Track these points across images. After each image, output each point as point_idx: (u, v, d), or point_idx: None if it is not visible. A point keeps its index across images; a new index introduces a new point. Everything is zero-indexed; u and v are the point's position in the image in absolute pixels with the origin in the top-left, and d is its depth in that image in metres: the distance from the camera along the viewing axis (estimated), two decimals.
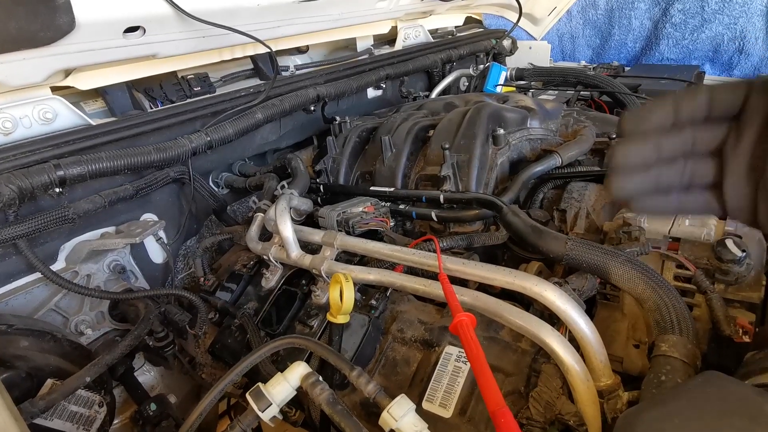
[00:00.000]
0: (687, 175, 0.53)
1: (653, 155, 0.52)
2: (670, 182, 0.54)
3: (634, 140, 0.52)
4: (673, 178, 0.53)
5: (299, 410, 0.98)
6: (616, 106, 1.83)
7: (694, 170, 0.52)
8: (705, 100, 0.50)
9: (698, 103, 0.50)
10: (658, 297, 0.73)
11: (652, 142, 0.51)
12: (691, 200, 0.53)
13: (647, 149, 0.52)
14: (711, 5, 2.50)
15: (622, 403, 0.68)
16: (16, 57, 0.99)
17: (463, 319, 0.69)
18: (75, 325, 1.19)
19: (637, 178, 0.53)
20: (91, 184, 1.15)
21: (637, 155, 0.52)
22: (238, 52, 1.53)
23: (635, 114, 0.51)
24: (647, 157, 0.52)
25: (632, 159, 0.52)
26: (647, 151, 0.52)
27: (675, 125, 0.51)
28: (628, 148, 0.52)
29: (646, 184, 0.53)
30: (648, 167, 0.53)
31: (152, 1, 1.11)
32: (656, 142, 0.51)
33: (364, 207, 1.16)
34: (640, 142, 0.51)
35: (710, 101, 0.49)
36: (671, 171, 0.53)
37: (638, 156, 0.52)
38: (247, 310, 1.14)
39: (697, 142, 0.51)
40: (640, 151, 0.52)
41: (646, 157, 0.52)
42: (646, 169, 0.53)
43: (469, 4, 2.29)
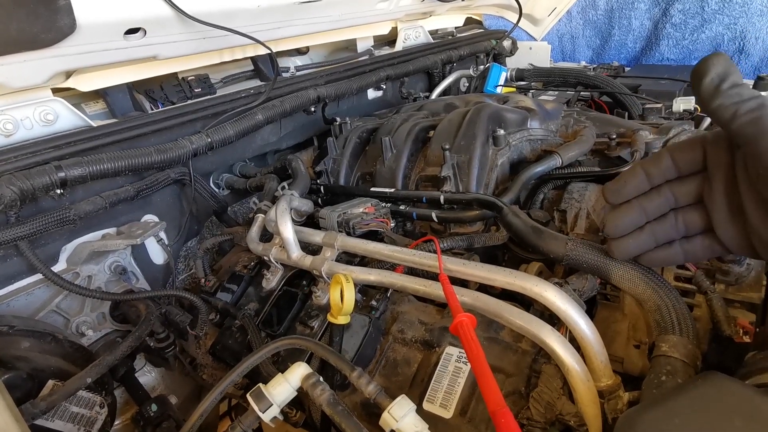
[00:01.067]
0: (681, 226, 0.56)
1: (642, 218, 0.58)
2: (667, 235, 0.57)
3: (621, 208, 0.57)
4: (668, 231, 0.57)
5: (300, 411, 0.98)
6: (616, 106, 1.83)
7: (686, 220, 0.56)
8: (669, 163, 0.54)
9: (664, 166, 0.55)
10: (658, 297, 0.73)
11: (637, 207, 0.56)
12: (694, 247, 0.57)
13: (634, 214, 0.57)
14: (711, 5, 2.50)
15: (622, 404, 0.68)
16: (16, 59, 0.99)
17: (463, 320, 0.69)
18: (76, 326, 1.19)
19: (635, 240, 0.57)
20: (92, 185, 1.15)
21: (627, 221, 0.58)
22: (238, 53, 1.53)
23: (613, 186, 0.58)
24: (637, 219, 0.57)
25: (623, 224, 0.58)
26: (635, 215, 0.58)
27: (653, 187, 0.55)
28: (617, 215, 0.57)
29: (646, 242, 0.58)
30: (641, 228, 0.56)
31: (153, 3, 1.11)
32: (640, 206, 0.56)
33: (365, 208, 1.16)
34: (626, 209, 0.56)
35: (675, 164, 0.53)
36: (665, 225, 0.57)
37: (628, 221, 0.58)
38: (248, 311, 1.14)
39: (678, 197, 0.56)
40: (629, 217, 0.57)
41: (636, 219, 0.57)
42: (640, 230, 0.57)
43: (469, 4, 2.29)
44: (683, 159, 0.53)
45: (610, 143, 1.23)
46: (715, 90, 0.47)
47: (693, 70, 0.48)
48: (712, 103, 0.47)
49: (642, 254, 0.60)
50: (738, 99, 0.46)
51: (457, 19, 2.50)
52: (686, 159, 0.53)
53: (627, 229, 0.57)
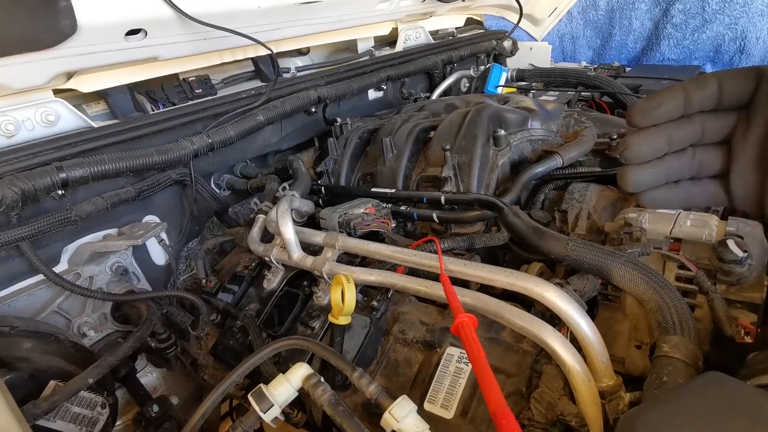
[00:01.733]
0: (696, 165, 0.52)
1: (665, 146, 0.52)
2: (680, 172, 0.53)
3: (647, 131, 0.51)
4: (683, 168, 0.53)
5: (301, 411, 0.98)
6: (617, 106, 1.83)
7: (703, 159, 0.52)
8: (714, 90, 0.49)
9: (708, 93, 0.49)
10: (659, 298, 0.73)
11: (665, 133, 0.51)
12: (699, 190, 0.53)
13: (659, 140, 0.51)
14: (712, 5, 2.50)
15: (623, 404, 0.68)
16: (18, 60, 0.99)
17: (464, 320, 0.69)
18: (78, 326, 1.19)
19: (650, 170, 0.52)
20: (94, 186, 1.15)
21: (649, 146, 0.52)
22: (239, 54, 1.53)
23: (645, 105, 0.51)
24: (659, 148, 0.52)
25: (647, 150, 0.52)
26: (659, 142, 0.52)
27: (684, 115, 0.50)
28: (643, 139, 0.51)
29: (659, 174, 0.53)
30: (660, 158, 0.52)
31: (153, 4, 1.11)
32: (668, 133, 0.51)
33: (366, 208, 1.16)
34: (653, 132, 0.51)
35: (719, 92, 0.48)
36: (681, 161, 0.53)
37: (650, 147, 0.52)
38: (249, 312, 1.15)
39: (707, 132, 0.51)
40: (652, 142, 0.51)
41: (658, 148, 0.52)
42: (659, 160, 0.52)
43: (469, 5, 2.29)
44: (731, 88, 0.48)
45: (611, 143, 1.23)
46: None
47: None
48: None
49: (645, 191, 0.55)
50: None
51: (458, 19, 2.50)
52: (734, 89, 0.48)
53: (648, 156, 0.52)
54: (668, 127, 0.51)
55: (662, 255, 0.89)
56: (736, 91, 0.48)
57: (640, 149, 0.51)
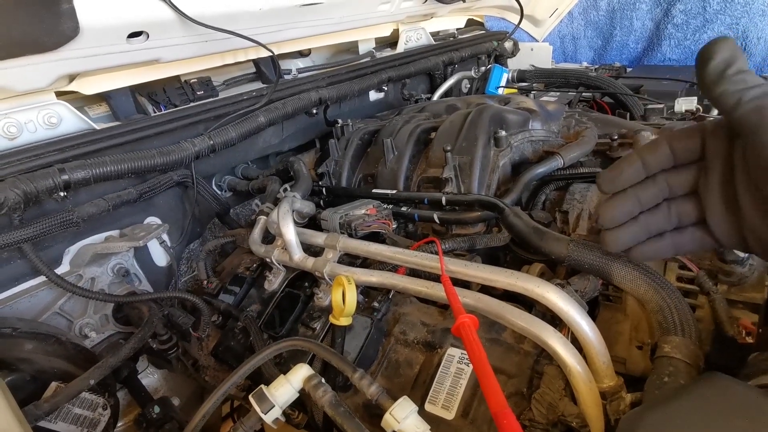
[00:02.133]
0: (674, 217, 0.55)
1: (636, 207, 0.56)
2: (659, 226, 0.56)
3: (615, 198, 0.56)
4: (661, 222, 0.56)
5: (302, 412, 0.98)
6: (618, 107, 1.83)
7: (679, 211, 0.55)
8: (667, 152, 0.53)
9: (661, 155, 0.53)
10: (660, 298, 0.73)
11: (632, 196, 0.55)
12: (685, 240, 0.56)
13: (629, 203, 0.56)
14: (713, 6, 2.50)
15: (625, 405, 0.68)
16: (20, 62, 1.00)
17: (465, 321, 0.69)
18: (79, 328, 1.19)
19: (628, 230, 0.56)
20: (96, 188, 1.15)
21: (621, 210, 0.56)
22: (240, 56, 1.54)
23: (609, 175, 0.56)
24: (631, 209, 0.56)
25: (618, 215, 0.56)
26: (629, 205, 0.56)
27: (648, 176, 0.53)
28: (612, 205, 0.56)
29: (638, 233, 0.57)
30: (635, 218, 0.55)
31: (155, 7, 1.12)
32: (635, 196, 0.55)
33: (367, 209, 1.16)
34: (621, 198, 0.55)
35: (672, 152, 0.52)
36: (658, 216, 0.56)
37: (622, 211, 0.56)
38: (250, 313, 1.15)
39: (673, 187, 0.55)
40: (623, 206, 0.56)
41: (630, 209, 0.56)
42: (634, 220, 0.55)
43: (470, 6, 2.29)
44: (681, 147, 0.52)
45: (612, 144, 1.23)
46: (719, 75, 0.44)
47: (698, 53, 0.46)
48: (716, 90, 0.45)
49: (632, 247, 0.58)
50: (743, 86, 0.44)
51: (459, 20, 2.51)
52: (684, 147, 0.52)
53: (621, 219, 0.55)
54: (635, 190, 0.55)
55: None
56: (686, 149, 0.52)
57: (612, 214, 0.56)
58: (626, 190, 0.55)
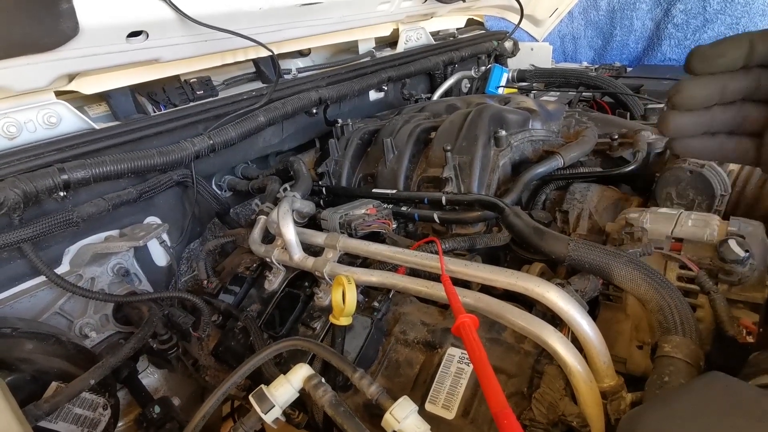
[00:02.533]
0: (739, 119, 0.51)
1: (716, 96, 0.50)
2: (723, 124, 0.51)
3: (703, 79, 0.49)
4: (726, 120, 0.51)
5: (302, 412, 0.98)
6: (618, 107, 1.83)
7: (748, 115, 0.50)
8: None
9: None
10: (660, 298, 0.73)
11: (721, 83, 0.49)
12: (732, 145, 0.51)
13: (713, 89, 0.49)
14: (713, 5, 2.50)
15: (625, 404, 0.68)
16: (20, 62, 1.00)
17: (465, 321, 0.69)
18: (79, 328, 1.19)
19: (694, 117, 0.51)
20: (95, 187, 1.15)
21: (702, 95, 0.50)
22: (240, 55, 1.54)
23: (707, 51, 0.48)
24: (711, 97, 0.50)
25: (699, 97, 0.50)
26: (713, 92, 0.50)
27: (744, 67, 0.48)
28: (697, 85, 0.49)
29: (701, 124, 0.51)
30: (707, 108, 0.51)
31: (155, 6, 1.11)
32: (724, 84, 0.49)
33: (367, 209, 1.16)
34: (709, 81, 0.49)
35: None
36: (727, 114, 0.50)
37: (703, 96, 0.50)
38: (250, 313, 1.15)
39: (762, 88, 0.49)
40: (707, 90, 0.49)
41: (711, 97, 0.50)
42: (706, 110, 0.50)
43: (470, 6, 2.29)
44: None
45: (612, 144, 1.23)
46: None
47: None
48: None
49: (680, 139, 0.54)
50: None
51: (459, 20, 2.50)
52: None
53: (698, 105, 0.50)
54: (725, 78, 0.49)
55: (663, 255, 0.89)
56: None
57: (693, 96, 0.49)
58: (717, 75, 0.49)
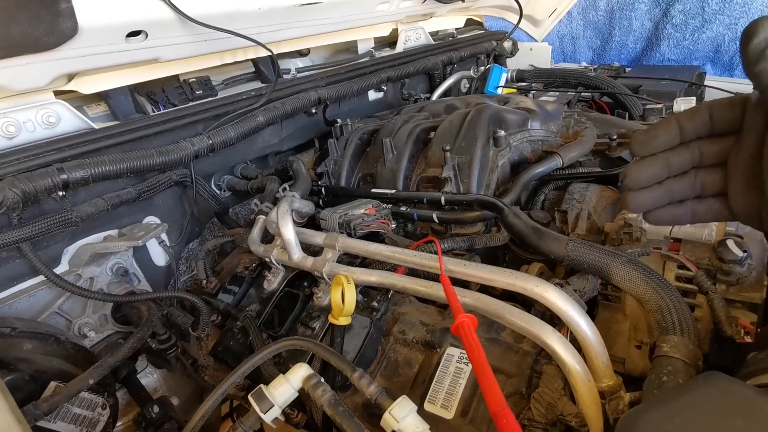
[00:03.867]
0: (698, 186, 0.56)
1: (664, 171, 0.55)
2: (682, 193, 0.56)
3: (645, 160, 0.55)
4: (684, 189, 0.56)
5: (301, 412, 0.98)
6: (617, 107, 1.83)
7: (704, 180, 0.55)
8: (706, 119, 0.52)
9: (700, 121, 0.53)
10: (659, 298, 0.73)
11: (662, 161, 0.54)
12: (703, 209, 0.56)
13: (658, 166, 0.55)
14: (712, 6, 2.50)
15: (623, 404, 0.68)
16: (19, 62, 0.99)
17: (464, 321, 0.69)
18: (78, 327, 1.19)
19: (651, 194, 0.56)
20: (94, 187, 1.15)
21: (649, 173, 0.55)
22: (239, 55, 1.54)
23: (643, 137, 0.54)
24: (659, 173, 0.55)
25: (645, 177, 0.55)
26: (658, 169, 0.55)
27: (682, 143, 0.54)
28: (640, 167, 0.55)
29: (660, 197, 0.56)
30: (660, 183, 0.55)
31: (154, 6, 1.11)
32: (666, 160, 0.54)
33: (366, 209, 1.16)
34: (651, 161, 0.55)
35: (711, 120, 0.52)
36: (682, 183, 0.56)
37: (650, 173, 0.55)
38: (250, 313, 1.15)
39: (704, 155, 0.54)
40: (652, 168, 0.55)
41: (658, 174, 0.55)
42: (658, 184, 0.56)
43: (469, 6, 2.29)
44: (721, 116, 0.52)
45: (611, 144, 1.23)
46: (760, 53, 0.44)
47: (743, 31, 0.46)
48: (756, 67, 0.45)
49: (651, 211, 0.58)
50: None
51: (458, 20, 2.51)
52: (724, 117, 0.52)
53: (648, 182, 0.55)
54: (666, 155, 0.54)
55: (662, 255, 0.89)
56: (726, 119, 0.52)
57: (639, 176, 0.55)
58: (657, 155, 0.55)
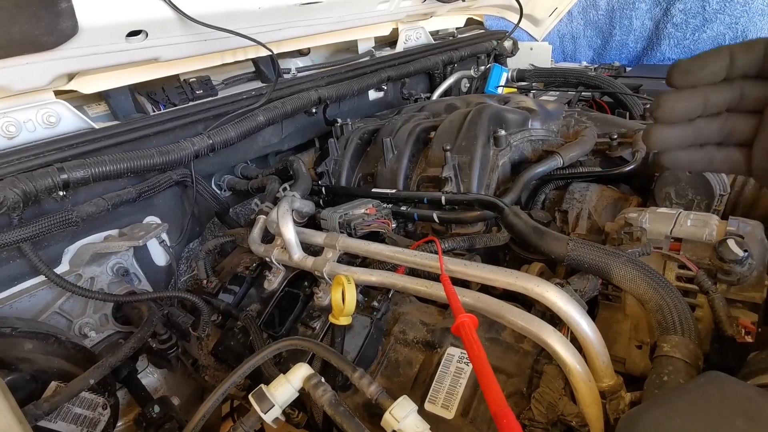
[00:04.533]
0: (726, 130, 0.50)
1: (699, 109, 0.50)
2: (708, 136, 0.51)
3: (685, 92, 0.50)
4: (713, 132, 0.50)
5: (302, 412, 0.98)
6: (617, 106, 1.83)
7: (734, 126, 0.50)
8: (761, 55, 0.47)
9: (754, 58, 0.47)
10: (659, 297, 0.73)
11: (702, 95, 0.49)
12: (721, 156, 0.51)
13: (697, 101, 0.49)
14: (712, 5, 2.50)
15: (624, 404, 0.68)
16: (19, 61, 0.99)
17: (465, 321, 0.69)
18: (79, 327, 1.19)
19: (678, 131, 0.51)
20: (95, 187, 1.15)
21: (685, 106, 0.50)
22: (239, 55, 1.54)
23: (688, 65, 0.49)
24: (695, 109, 0.50)
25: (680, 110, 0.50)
26: (696, 104, 0.50)
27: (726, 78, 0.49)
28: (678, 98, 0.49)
29: (686, 137, 0.51)
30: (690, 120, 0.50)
31: (154, 5, 1.11)
32: (705, 95, 0.49)
33: (366, 209, 1.16)
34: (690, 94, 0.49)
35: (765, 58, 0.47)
36: (712, 125, 0.50)
37: (687, 107, 0.50)
38: (250, 312, 1.15)
39: (745, 99, 0.49)
40: (690, 102, 0.49)
41: (693, 110, 0.50)
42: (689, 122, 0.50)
43: (469, 5, 2.29)
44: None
45: (612, 143, 1.23)
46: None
47: None
48: None
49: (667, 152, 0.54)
50: None
51: (458, 19, 2.50)
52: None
53: (681, 117, 0.50)
54: (706, 90, 0.49)
55: (662, 255, 0.89)
56: None
57: (674, 109, 0.49)
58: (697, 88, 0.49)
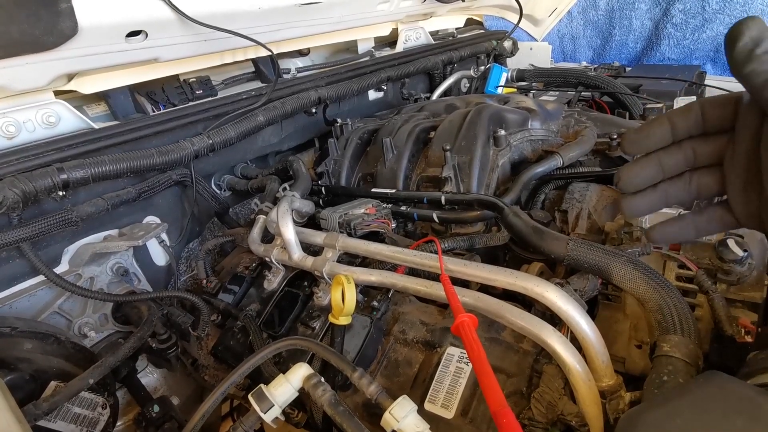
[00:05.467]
0: (693, 188, 0.53)
1: (658, 172, 0.53)
2: (678, 197, 0.54)
3: (638, 161, 0.53)
4: (680, 192, 0.54)
5: (301, 411, 0.98)
6: (617, 106, 1.83)
7: (700, 182, 0.53)
8: (698, 116, 0.51)
9: (692, 120, 0.51)
10: (659, 297, 0.73)
11: (655, 161, 0.53)
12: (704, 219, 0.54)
13: (651, 167, 0.53)
14: (712, 5, 2.50)
15: (624, 404, 0.68)
16: (19, 62, 0.99)
17: (464, 320, 0.69)
18: (78, 327, 1.19)
19: (646, 198, 0.54)
20: (94, 187, 1.15)
21: (643, 175, 0.53)
22: (239, 55, 1.54)
23: (634, 136, 0.53)
24: (653, 174, 0.53)
25: (639, 178, 0.54)
26: (651, 169, 0.53)
27: (674, 142, 0.52)
28: (633, 168, 0.53)
29: (656, 201, 0.54)
30: (654, 186, 0.54)
31: (154, 6, 1.11)
32: (658, 160, 0.53)
33: (366, 209, 1.16)
34: (643, 161, 0.53)
35: (703, 118, 0.50)
36: (678, 186, 0.54)
37: (644, 174, 0.53)
38: (250, 312, 1.15)
39: (698, 155, 0.52)
40: (645, 169, 0.53)
41: (652, 175, 0.53)
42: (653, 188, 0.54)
43: (469, 5, 2.29)
44: (713, 114, 0.50)
45: (611, 143, 1.23)
46: (748, 54, 0.43)
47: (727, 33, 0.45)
48: (744, 69, 0.43)
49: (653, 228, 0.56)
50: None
51: (458, 19, 2.50)
52: (716, 115, 0.50)
53: (642, 185, 0.54)
54: (659, 155, 0.53)
55: (662, 254, 0.89)
56: (718, 117, 0.50)
57: (633, 178, 0.54)
58: (649, 155, 0.53)
